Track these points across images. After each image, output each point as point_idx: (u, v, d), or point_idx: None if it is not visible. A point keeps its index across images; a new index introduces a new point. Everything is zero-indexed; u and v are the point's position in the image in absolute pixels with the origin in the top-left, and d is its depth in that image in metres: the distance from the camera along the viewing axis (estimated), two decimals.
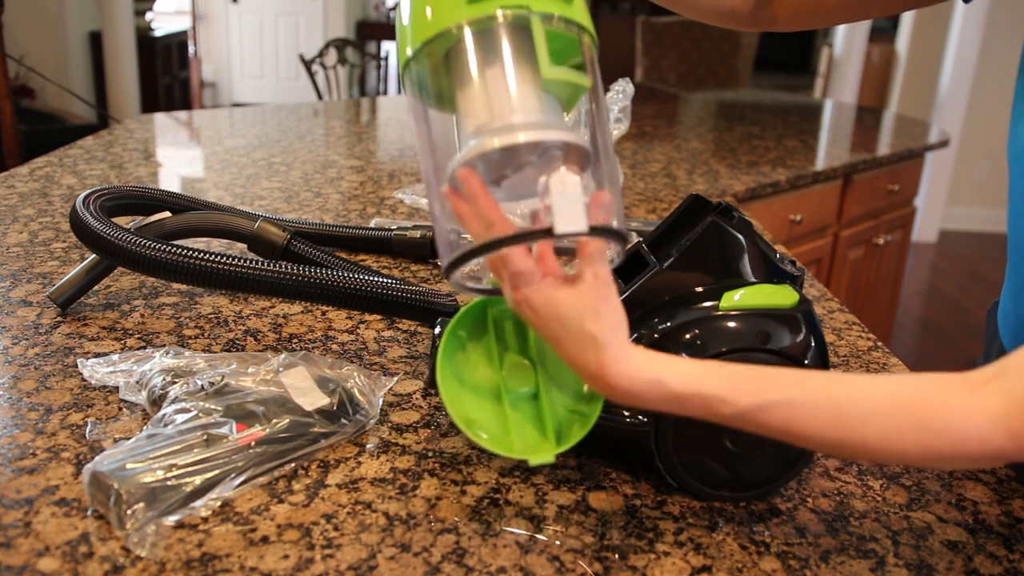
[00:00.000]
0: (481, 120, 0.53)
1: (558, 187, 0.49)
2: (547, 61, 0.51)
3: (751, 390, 0.52)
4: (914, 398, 0.51)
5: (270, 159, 1.71)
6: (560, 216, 0.49)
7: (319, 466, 0.66)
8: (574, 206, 0.49)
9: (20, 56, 3.83)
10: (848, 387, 0.52)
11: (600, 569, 0.57)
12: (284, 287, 0.80)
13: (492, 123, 0.52)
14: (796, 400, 0.51)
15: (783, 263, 0.67)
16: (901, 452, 0.50)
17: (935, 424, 0.49)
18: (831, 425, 0.51)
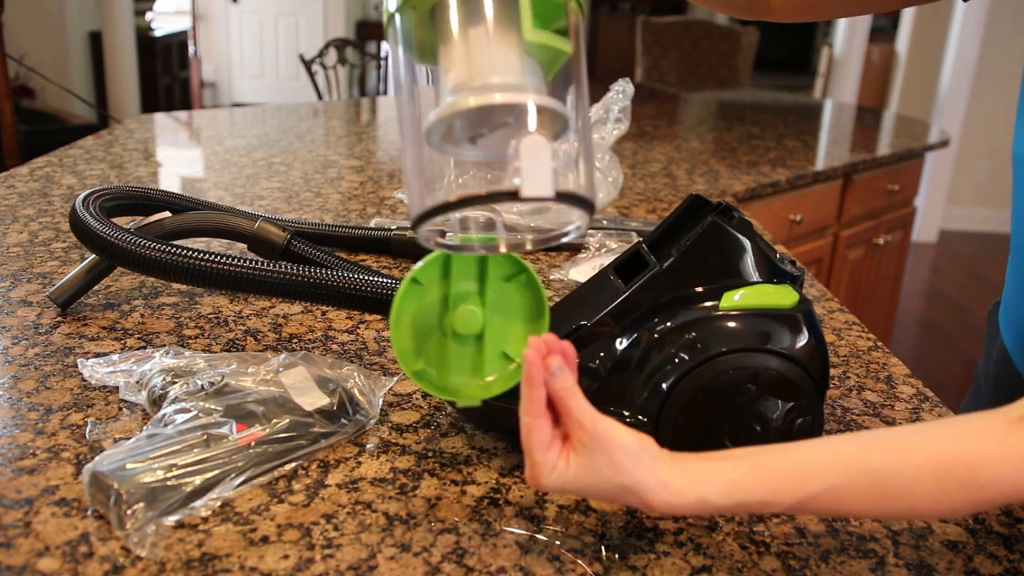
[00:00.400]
0: (461, 78, 0.52)
1: (528, 152, 0.49)
2: (530, 24, 0.51)
3: (791, 487, 0.52)
4: (953, 457, 0.51)
5: (270, 159, 1.71)
6: (528, 180, 0.48)
7: (319, 466, 0.66)
8: (542, 172, 0.48)
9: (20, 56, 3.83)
10: (886, 458, 0.51)
11: (600, 569, 0.57)
12: (283, 287, 0.80)
13: (471, 81, 0.52)
14: (836, 486, 0.51)
15: (783, 263, 0.67)
16: (951, 511, 0.51)
17: (980, 479, 0.50)
18: (876, 501, 0.51)
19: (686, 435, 0.63)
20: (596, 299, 0.68)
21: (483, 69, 0.52)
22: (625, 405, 0.65)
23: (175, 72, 5.98)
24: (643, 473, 0.52)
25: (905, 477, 0.51)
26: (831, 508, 0.52)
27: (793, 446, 0.54)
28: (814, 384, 0.63)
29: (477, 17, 0.53)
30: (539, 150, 0.49)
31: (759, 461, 0.53)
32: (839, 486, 0.51)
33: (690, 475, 0.53)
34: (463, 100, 0.51)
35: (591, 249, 1.19)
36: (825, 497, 0.51)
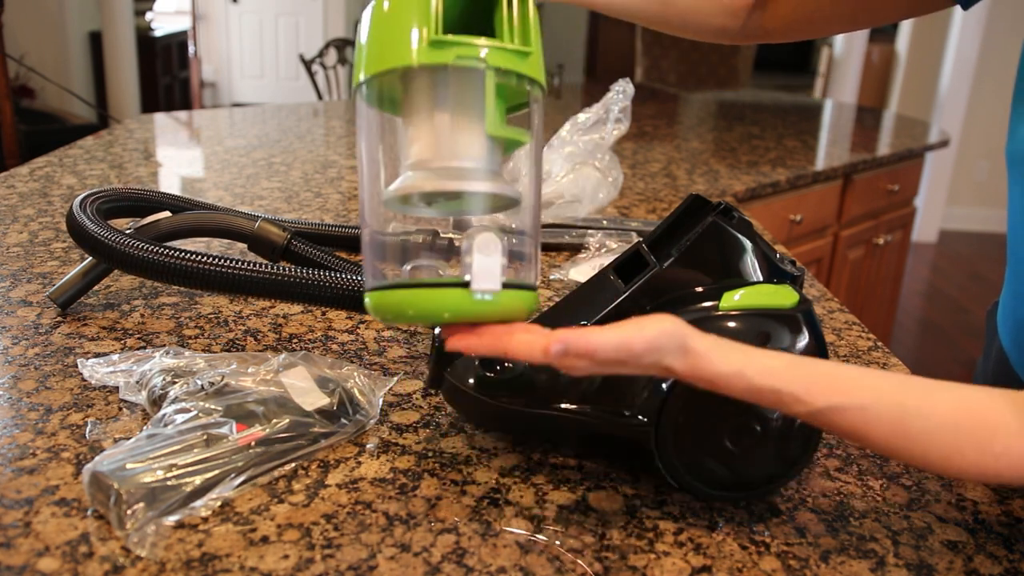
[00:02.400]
0: (423, 155, 0.56)
1: (480, 250, 0.54)
2: (493, 118, 0.54)
3: (826, 391, 0.53)
4: (978, 418, 0.52)
5: (270, 159, 1.71)
6: (478, 276, 0.54)
7: (319, 466, 0.66)
8: (492, 268, 0.54)
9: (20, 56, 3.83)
10: (917, 399, 0.53)
11: (600, 569, 0.57)
12: (281, 289, 0.80)
13: (431, 161, 0.56)
14: (868, 406, 0.52)
15: (783, 263, 0.67)
16: (959, 469, 0.52)
17: (995, 447, 0.51)
18: (897, 435, 0.52)
19: (686, 435, 0.63)
20: (596, 299, 0.68)
21: (444, 152, 0.56)
22: (625, 405, 0.65)
23: (175, 72, 5.98)
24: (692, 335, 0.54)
25: (930, 422, 0.52)
26: (854, 427, 0.53)
27: (839, 363, 0.56)
28: None
29: (443, 103, 0.56)
30: (490, 247, 0.54)
31: (800, 360, 0.55)
32: (869, 407, 0.52)
33: (732, 349, 0.54)
34: (420, 182, 0.56)
35: (591, 249, 1.19)
36: (852, 414, 0.52)
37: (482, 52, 0.53)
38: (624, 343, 0.53)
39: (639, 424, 0.64)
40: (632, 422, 0.64)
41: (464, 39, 0.54)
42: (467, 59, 0.53)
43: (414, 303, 0.55)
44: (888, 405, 0.53)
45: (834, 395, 0.53)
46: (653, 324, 0.54)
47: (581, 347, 0.52)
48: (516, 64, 0.55)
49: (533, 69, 0.56)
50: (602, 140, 1.35)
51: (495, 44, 0.54)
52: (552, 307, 0.73)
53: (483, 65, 0.53)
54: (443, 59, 0.53)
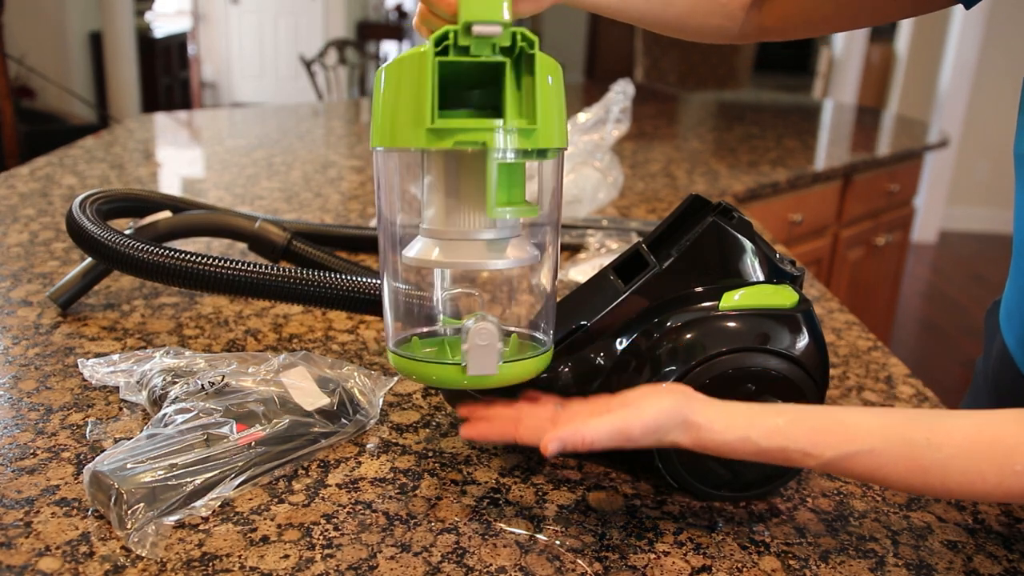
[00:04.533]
0: (436, 225, 0.58)
1: (476, 338, 0.56)
2: (493, 202, 0.54)
3: (833, 443, 0.53)
4: (992, 439, 0.52)
5: (270, 159, 1.71)
6: (472, 365, 0.57)
7: (319, 466, 0.66)
8: (488, 355, 0.56)
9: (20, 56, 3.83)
10: (927, 431, 0.53)
11: (600, 569, 0.57)
12: (281, 289, 0.80)
13: (444, 232, 0.57)
14: (877, 449, 0.52)
15: (783, 263, 0.67)
16: (983, 493, 0.52)
17: (1015, 465, 0.51)
18: (913, 472, 0.52)
19: None
20: (596, 299, 0.68)
21: (456, 224, 0.57)
22: None
23: (175, 72, 5.98)
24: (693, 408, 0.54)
25: (943, 452, 0.51)
26: (868, 471, 0.53)
27: (836, 408, 0.56)
28: (814, 384, 0.63)
29: (453, 179, 0.57)
30: (485, 337, 0.56)
31: (803, 413, 0.55)
32: (879, 450, 0.52)
33: (736, 414, 0.54)
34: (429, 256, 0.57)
35: (591, 249, 1.19)
36: (864, 458, 0.52)
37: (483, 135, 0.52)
38: (621, 430, 0.54)
39: None
40: None
41: (464, 123, 0.52)
42: (467, 144, 0.53)
43: (422, 374, 0.59)
44: (897, 444, 0.52)
45: (841, 444, 0.53)
46: (650, 405, 0.54)
47: (576, 442, 0.54)
48: (520, 142, 0.53)
49: (541, 142, 0.54)
50: (602, 140, 1.35)
51: (495, 127, 0.53)
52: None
53: (484, 148, 0.53)
54: (442, 145, 0.53)
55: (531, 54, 0.53)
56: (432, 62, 0.51)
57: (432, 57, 0.51)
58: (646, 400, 0.55)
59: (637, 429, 0.54)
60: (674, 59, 4.50)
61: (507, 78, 0.52)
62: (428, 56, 0.51)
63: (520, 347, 0.63)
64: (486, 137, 0.52)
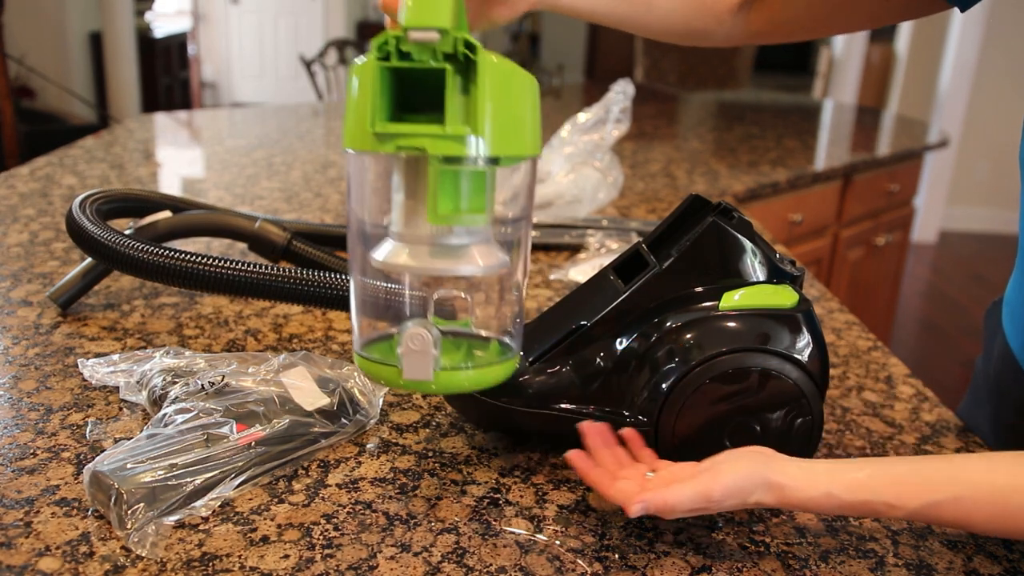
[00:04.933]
0: (401, 227, 0.57)
1: (409, 343, 0.55)
2: (435, 208, 0.53)
3: (916, 492, 0.53)
4: None
5: (270, 159, 1.71)
6: (408, 367, 0.56)
7: (319, 466, 0.66)
8: (423, 360, 0.56)
9: (20, 56, 3.83)
10: (1011, 477, 0.53)
11: (600, 569, 0.57)
12: (281, 290, 0.80)
13: (407, 236, 0.57)
14: (962, 496, 0.53)
15: (783, 263, 0.67)
16: None
17: None
18: (999, 517, 0.52)
19: (686, 435, 0.63)
20: (596, 299, 0.68)
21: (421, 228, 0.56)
22: (625, 405, 0.65)
23: (175, 72, 5.98)
24: (775, 470, 0.55)
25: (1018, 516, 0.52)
26: (955, 519, 0.53)
27: (916, 458, 0.57)
28: (814, 384, 0.63)
29: (407, 184, 0.56)
30: (419, 341, 0.55)
31: (883, 465, 0.55)
32: (965, 497, 0.53)
33: (815, 471, 0.55)
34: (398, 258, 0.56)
35: (591, 249, 1.19)
36: (949, 507, 0.53)
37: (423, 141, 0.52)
38: (702, 494, 0.55)
39: (639, 424, 0.64)
40: (632, 422, 0.64)
41: (405, 128, 0.52)
42: (408, 149, 0.52)
43: (375, 373, 0.59)
44: (982, 490, 0.53)
45: (925, 494, 0.53)
46: (729, 469, 0.55)
47: (659, 506, 0.55)
48: (462, 150, 0.52)
49: (493, 149, 0.53)
50: (602, 140, 1.35)
51: (435, 132, 0.52)
52: (552, 307, 0.73)
53: (424, 154, 0.52)
54: (386, 149, 0.53)
55: (473, 60, 0.52)
56: (375, 67, 0.52)
57: (374, 62, 0.52)
58: (726, 463, 0.56)
59: (718, 492, 0.54)
60: (674, 59, 4.50)
61: (448, 84, 0.52)
62: (371, 61, 0.52)
63: (479, 355, 0.62)
64: (426, 143, 0.52)
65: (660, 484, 0.57)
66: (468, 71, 0.52)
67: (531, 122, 0.56)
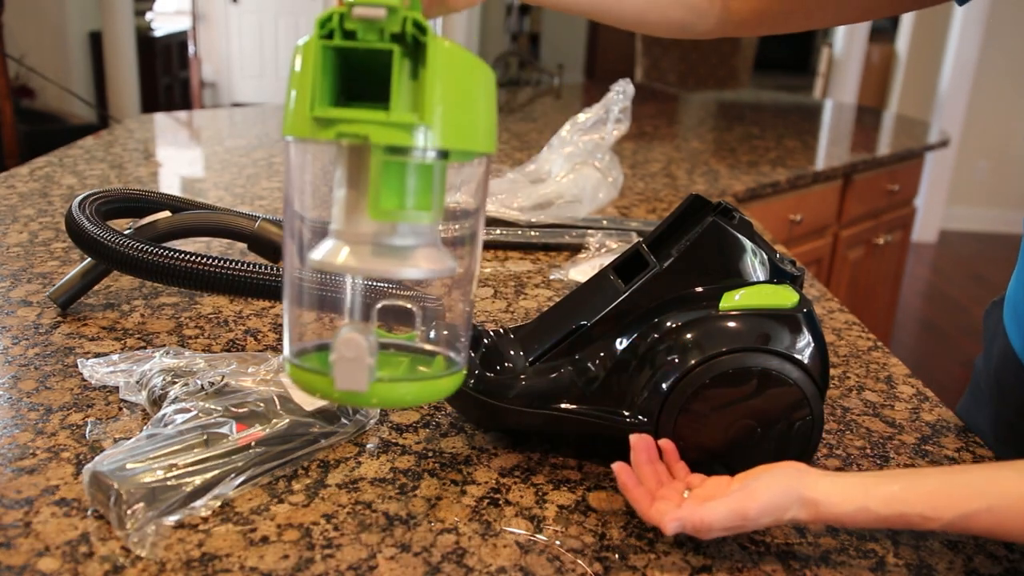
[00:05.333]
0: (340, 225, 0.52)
1: (343, 349, 0.50)
2: (376, 201, 0.48)
3: (951, 503, 0.53)
4: None
5: (270, 159, 1.71)
6: (340, 376, 0.50)
7: (319, 466, 0.66)
8: (357, 369, 0.50)
9: (20, 56, 3.83)
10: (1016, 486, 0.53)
11: (600, 569, 0.57)
12: (280, 290, 0.80)
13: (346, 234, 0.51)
14: (996, 507, 0.53)
15: (783, 263, 0.67)
16: None
17: None
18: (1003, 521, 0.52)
19: (686, 435, 0.63)
20: (596, 299, 0.68)
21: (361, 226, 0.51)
22: (625, 405, 0.65)
23: (175, 72, 5.98)
24: (808, 485, 0.55)
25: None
26: (990, 528, 0.53)
27: (949, 468, 0.57)
28: (814, 384, 0.63)
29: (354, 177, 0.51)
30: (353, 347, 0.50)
31: (917, 477, 0.55)
32: (999, 507, 0.52)
33: (849, 486, 0.55)
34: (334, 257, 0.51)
35: (591, 249, 1.19)
36: (984, 517, 0.53)
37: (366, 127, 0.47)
38: (738, 512, 0.55)
39: (639, 424, 0.64)
40: (632, 422, 0.64)
41: (347, 114, 0.47)
42: (349, 136, 0.47)
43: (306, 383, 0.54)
44: (1014, 499, 0.53)
45: (959, 504, 0.53)
46: (763, 486, 0.55)
47: (696, 523, 0.55)
48: (408, 139, 0.48)
49: (436, 141, 0.48)
50: (602, 140, 1.35)
51: (379, 119, 0.47)
52: (552, 307, 0.73)
53: (366, 142, 0.47)
54: (325, 136, 0.48)
55: (423, 42, 0.47)
56: (316, 46, 0.47)
57: (316, 41, 0.48)
58: (759, 480, 0.56)
59: (754, 510, 0.54)
60: (674, 59, 4.50)
61: (395, 66, 0.47)
62: (312, 40, 0.48)
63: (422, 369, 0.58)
64: (369, 130, 0.47)
65: (696, 502, 0.57)
66: (417, 55, 0.48)
67: (485, 115, 0.52)
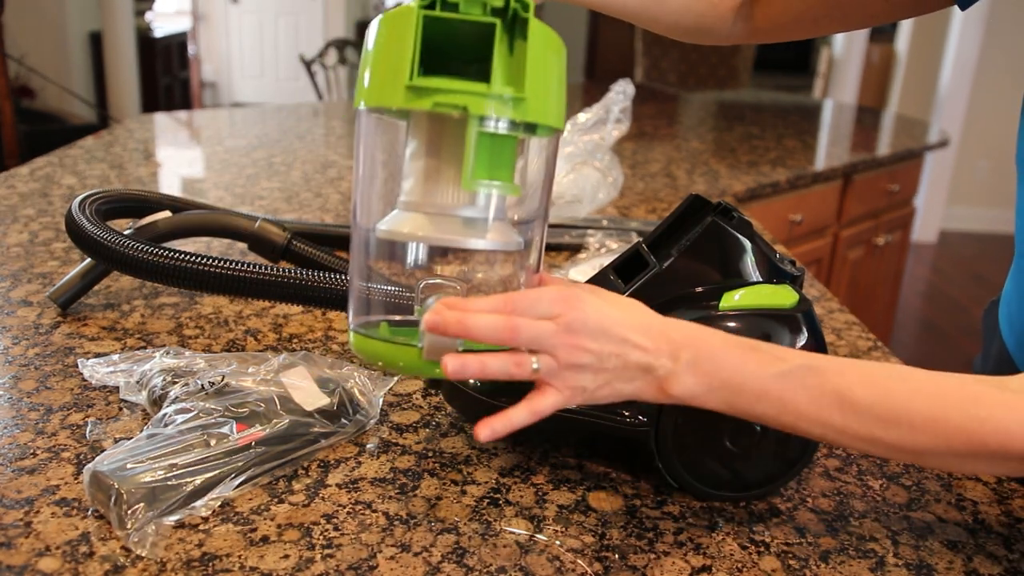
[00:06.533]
0: (414, 196, 0.53)
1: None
2: (470, 172, 0.50)
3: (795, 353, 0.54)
4: (959, 385, 0.52)
5: (270, 159, 1.71)
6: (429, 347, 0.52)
7: (319, 466, 0.66)
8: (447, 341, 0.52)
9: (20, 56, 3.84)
10: (896, 368, 0.54)
11: (600, 569, 0.57)
12: (280, 290, 0.80)
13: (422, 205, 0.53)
14: (846, 370, 0.52)
15: (783, 263, 0.67)
16: (945, 437, 0.51)
17: (980, 412, 0.50)
18: (880, 395, 0.52)
19: (686, 435, 0.63)
20: None
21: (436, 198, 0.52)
22: (625, 405, 0.65)
23: (175, 72, 5.98)
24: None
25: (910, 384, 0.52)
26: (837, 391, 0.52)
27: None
28: None
29: (435, 147, 0.52)
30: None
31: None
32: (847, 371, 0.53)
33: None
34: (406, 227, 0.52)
35: (591, 249, 1.19)
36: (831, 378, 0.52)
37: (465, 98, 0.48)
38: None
39: (639, 424, 0.64)
40: (632, 422, 0.64)
41: (446, 84, 0.49)
42: (446, 107, 0.49)
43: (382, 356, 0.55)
44: (868, 367, 0.53)
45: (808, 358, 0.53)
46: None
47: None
48: (505, 111, 0.49)
49: (529, 114, 0.50)
50: (602, 140, 1.35)
51: (479, 90, 0.49)
52: None
53: (464, 112, 0.49)
54: (420, 105, 0.49)
55: (524, 18, 0.49)
56: (418, 15, 0.48)
57: (418, 10, 0.48)
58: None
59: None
60: (674, 59, 4.50)
61: (497, 40, 0.49)
62: (414, 9, 0.49)
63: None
64: (468, 101, 0.49)
65: None
66: (515, 29, 0.49)
67: (563, 92, 0.54)
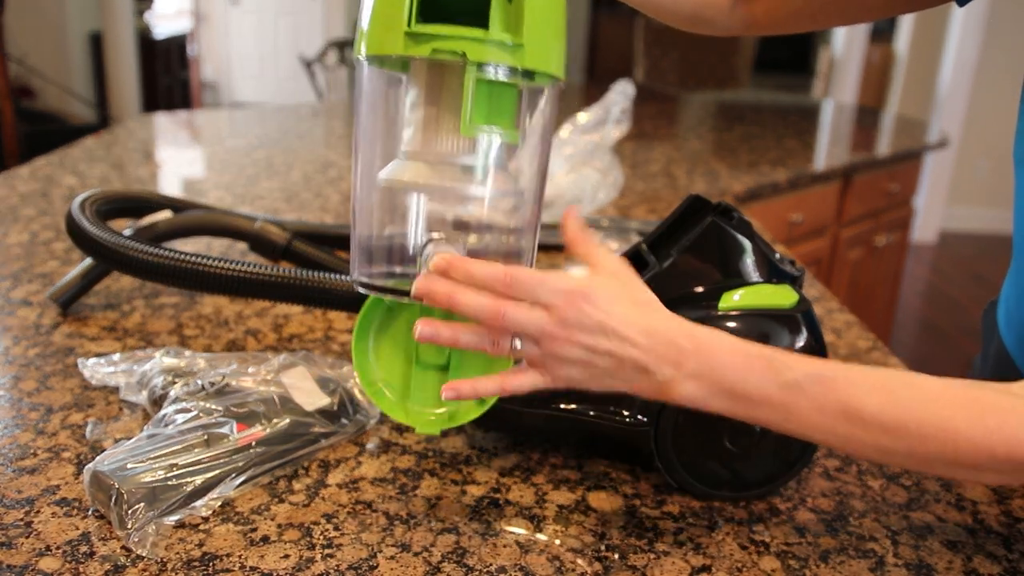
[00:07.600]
0: (415, 145, 0.54)
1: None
2: (468, 119, 0.51)
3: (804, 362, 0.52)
4: (969, 393, 0.51)
5: (270, 159, 1.71)
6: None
7: (319, 466, 0.66)
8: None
9: (20, 56, 3.84)
10: (905, 375, 0.52)
11: (600, 569, 0.57)
12: (281, 290, 0.80)
13: (423, 154, 0.53)
14: (856, 379, 0.51)
15: (783, 263, 0.67)
16: (953, 445, 0.50)
17: (989, 421, 0.50)
18: (890, 403, 0.51)
19: (686, 435, 0.63)
20: None
21: (437, 145, 0.53)
22: (625, 405, 0.65)
23: (175, 72, 5.98)
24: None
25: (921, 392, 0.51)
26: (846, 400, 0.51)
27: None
28: None
29: (434, 95, 0.53)
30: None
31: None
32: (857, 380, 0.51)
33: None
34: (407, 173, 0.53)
35: None
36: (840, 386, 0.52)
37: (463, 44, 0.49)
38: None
39: (639, 424, 0.64)
40: (632, 422, 0.64)
41: (444, 30, 0.49)
42: (444, 53, 0.50)
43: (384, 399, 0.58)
44: (875, 375, 0.52)
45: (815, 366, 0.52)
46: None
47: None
48: (504, 57, 0.50)
49: (527, 61, 0.51)
50: (602, 140, 1.36)
51: (478, 36, 0.49)
52: None
53: (462, 59, 0.50)
54: (419, 52, 0.50)
55: None
56: None
57: None
58: None
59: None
60: (674, 59, 4.50)
61: None
62: None
63: None
64: (466, 46, 0.49)
65: None
66: None
67: (562, 41, 0.54)
